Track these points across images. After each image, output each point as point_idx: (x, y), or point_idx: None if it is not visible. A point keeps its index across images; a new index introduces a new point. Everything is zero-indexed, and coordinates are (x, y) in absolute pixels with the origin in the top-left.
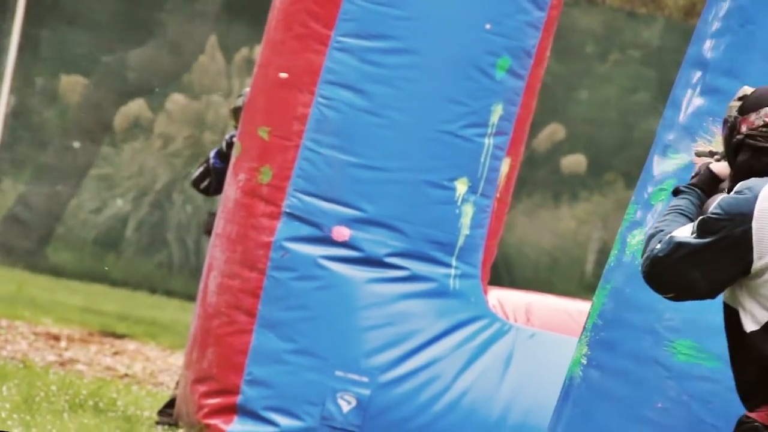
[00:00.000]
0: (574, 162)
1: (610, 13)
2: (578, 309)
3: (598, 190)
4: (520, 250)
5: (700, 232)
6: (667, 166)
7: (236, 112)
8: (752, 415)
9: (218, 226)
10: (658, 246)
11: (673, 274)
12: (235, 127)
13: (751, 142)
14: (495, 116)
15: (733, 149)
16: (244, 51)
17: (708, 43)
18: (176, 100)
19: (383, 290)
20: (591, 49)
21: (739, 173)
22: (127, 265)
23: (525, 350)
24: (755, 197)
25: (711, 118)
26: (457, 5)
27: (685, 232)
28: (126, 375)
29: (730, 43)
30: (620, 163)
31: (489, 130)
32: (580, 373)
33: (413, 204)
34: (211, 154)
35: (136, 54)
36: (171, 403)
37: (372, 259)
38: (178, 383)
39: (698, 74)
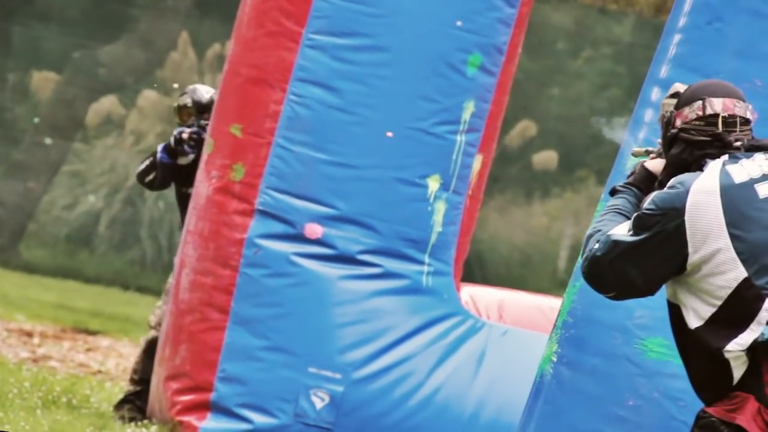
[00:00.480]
0: (546, 158)
1: (582, 10)
2: (551, 306)
3: (570, 186)
4: (492, 247)
5: (636, 228)
6: (637, 162)
7: (180, 111)
8: (709, 410)
9: (190, 223)
10: (596, 246)
11: (611, 272)
12: (179, 124)
13: (685, 135)
14: (467, 113)
15: (668, 143)
16: (216, 47)
17: (676, 39)
18: (148, 96)
19: (356, 287)
20: (562, 45)
21: (672, 166)
22: (99, 262)
23: (498, 347)
24: (687, 191)
25: None
26: (428, 2)
27: (622, 230)
28: (99, 371)
29: (697, 39)
30: (592, 159)
31: (461, 127)
32: (551, 370)
33: (385, 201)
34: (159, 148)
35: (108, 50)
36: (126, 398)
37: (345, 257)
38: (131, 379)
39: (667, 71)
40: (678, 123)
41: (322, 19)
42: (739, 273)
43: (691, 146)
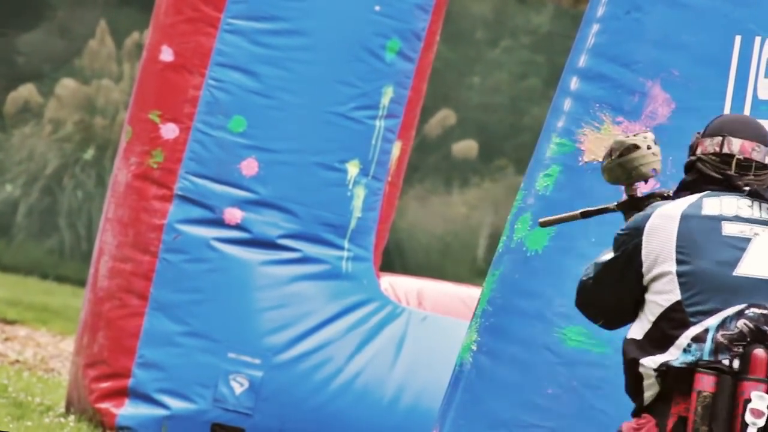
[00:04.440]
0: (466, 148)
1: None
2: (470, 294)
3: (489, 175)
4: (412, 236)
5: (613, 250)
6: (555, 152)
7: None
8: (623, 425)
9: (108, 210)
10: (585, 272)
11: (593, 295)
12: None
13: (700, 166)
14: (386, 98)
15: (686, 166)
16: (134, 35)
17: (595, 29)
18: (66, 84)
19: (276, 272)
20: (481, 35)
21: (681, 190)
22: (17, 251)
23: (417, 333)
24: (651, 214)
25: (597, 105)
26: None
27: (606, 255)
28: (17, 361)
29: (615, 29)
30: (511, 148)
31: (380, 113)
32: (470, 359)
33: (305, 186)
34: None
35: (26, 38)
36: None
37: (264, 241)
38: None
39: (585, 60)
40: (698, 151)
41: (240, 4)
42: (674, 295)
43: (702, 178)
